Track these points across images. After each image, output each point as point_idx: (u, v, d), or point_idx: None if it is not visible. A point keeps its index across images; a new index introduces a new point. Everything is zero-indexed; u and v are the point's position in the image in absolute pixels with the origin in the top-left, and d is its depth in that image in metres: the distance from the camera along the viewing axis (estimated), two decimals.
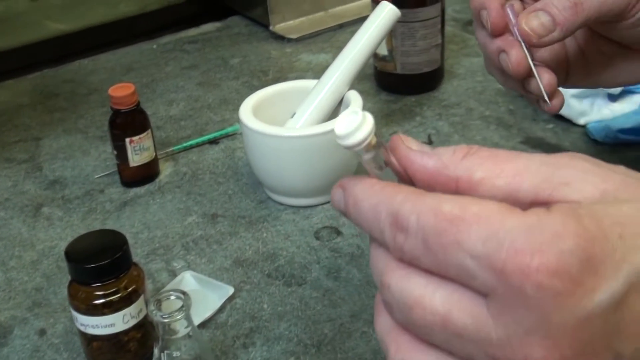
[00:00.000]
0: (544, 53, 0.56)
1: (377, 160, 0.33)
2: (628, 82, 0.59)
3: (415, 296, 0.29)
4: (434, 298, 0.29)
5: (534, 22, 0.50)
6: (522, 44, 0.51)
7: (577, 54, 0.58)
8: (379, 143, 0.33)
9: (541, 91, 0.53)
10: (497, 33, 0.52)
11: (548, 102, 0.53)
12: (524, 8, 0.53)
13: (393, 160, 0.33)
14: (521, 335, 0.27)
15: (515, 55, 0.51)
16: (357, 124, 0.32)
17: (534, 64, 0.52)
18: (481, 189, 0.30)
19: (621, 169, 0.31)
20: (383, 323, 0.32)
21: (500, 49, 0.52)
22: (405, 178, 0.33)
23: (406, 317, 0.30)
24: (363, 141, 0.32)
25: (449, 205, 0.28)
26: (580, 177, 0.29)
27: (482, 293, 0.28)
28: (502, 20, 0.51)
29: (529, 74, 0.53)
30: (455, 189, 0.31)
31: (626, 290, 0.26)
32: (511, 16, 0.51)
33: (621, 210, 0.28)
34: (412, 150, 0.33)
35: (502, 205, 0.28)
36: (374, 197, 0.31)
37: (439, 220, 0.28)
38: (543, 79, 0.53)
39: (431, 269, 0.29)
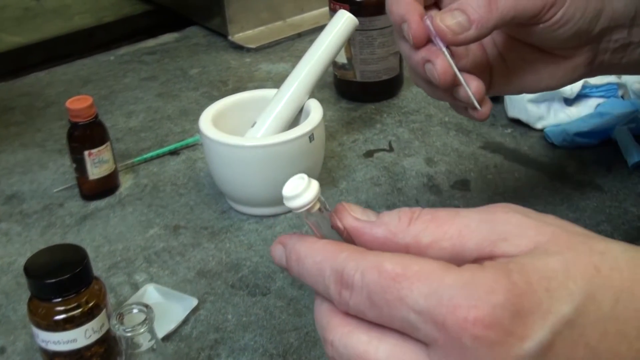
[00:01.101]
0: (466, 62, 0.55)
1: (321, 223, 0.37)
2: (551, 86, 0.58)
3: (359, 352, 0.32)
4: (377, 352, 0.32)
5: (449, 20, 0.50)
6: (445, 52, 0.50)
7: (498, 61, 0.58)
8: (324, 207, 0.36)
9: (470, 98, 0.52)
10: (419, 44, 0.51)
11: (478, 107, 0.53)
12: None
13: (339, 224, 0.37)
14: None
15: (441, 64, 0.50)
16: (301, 188, 0.35)
17: (460, 72, 0.52)
18: (430, 252, 0.34)
19: (552, 219, 0.34)
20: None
21: (425, 59, 0.51)
22: (350, 241, 0.36)
23: None
24: (305, 205, 0.36)
25: (390, 263, 0.31)
26: (515, 232, 0.33)
27: (425, 343, 0.31)
28: (423, 31, 0.50)
29: (456, 82, 0.52)
30: (406, 252, 0.34)
31: (552, 338, 0.30)
32: (431, 27, 0.50)
33: (548, 265, 0.31)
34: (359, 221, 0.36)
35: (440, 263, 0.31)
36: (317, 254, 0.34)
37: (383, 278, 0.31)
38: (471, 85, 0.52)
39: (376, 321, 0.32)
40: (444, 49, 0.50)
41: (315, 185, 0.36)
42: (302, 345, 0.62)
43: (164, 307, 0.66)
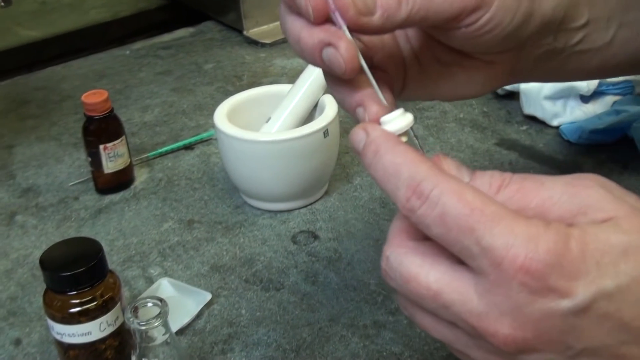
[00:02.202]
0: (380, 57, 0.47)
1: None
2: (467, 95, 0.52)
3: (411, 272, 0.36)
4: (428, 276, 0.36)
5: None
6: (347, 32, 0.40)
7: (411, 60, 0.50)
8: (412, 143, 0.39)
9: (375, 93, 0.42)
10: (320, 19, 0.40)
11: (384, 101, 0.42)
12: None
13: None
14: (497, 314, 0.34)
15: (346, 47, 0.39)
16: (395, 115, 0.39)
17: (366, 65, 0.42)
18: None
19: (634, 200, 0.36)
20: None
21: (324, 42, 0.40)
22: None
23: (401, 286, 0.37)
24: (395, 132, 0.39)
25: (471, 195, 0.34)
26: (595, 206, 0.35)
27: (475, 271, 0.34)
28: (324, 6, 0.40)
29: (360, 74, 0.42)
30: None
31: (589, 305, 0.33)
32: (331, 1, 0.40)
33: (609, 240, 0.33)
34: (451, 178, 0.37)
35: (514, 213, 0.34)
36: (399, 155, 0.36)
37: (461, 205, 0.34)
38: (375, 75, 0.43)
39: (437, 239, 0.35)
40: (345, 29, 0.40)
41: (409, 117, 0.39)
42: (315, 340, 0.62)
43: (178, 301, 0.66)
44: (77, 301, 0.55)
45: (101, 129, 0.80)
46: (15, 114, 1.04)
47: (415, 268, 0.36)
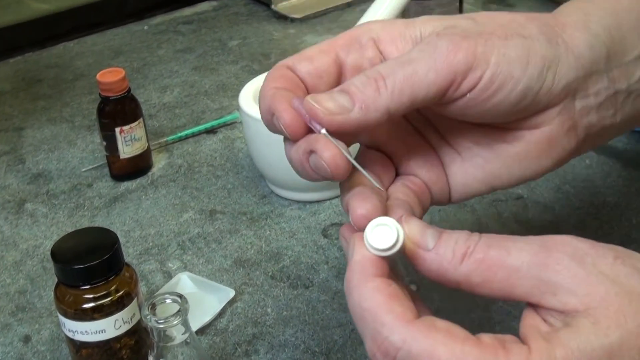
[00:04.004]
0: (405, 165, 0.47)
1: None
2: (537, 173, 0.46)
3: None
4: None
5: (326, 102, 0.41)
6: (325, 132, 0.41)
7: (449, 153, 0.47)
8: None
9: (365, 191, 0.42)
10: (297, 134, 0.42)
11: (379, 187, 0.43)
12: None
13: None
14: None
15: (327, 151, 0.40)
16: (393, 240, 0.38)
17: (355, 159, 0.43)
18: (479, 291, 0.37)
19: (609, 268, 0.35)
20: None
21: (307, 149, 0.41)
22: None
23: None
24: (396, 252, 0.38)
25: (444, 352, 0.34)
26: (566, 287, 0.35)
27: None
28: (297, 118, 0.41)
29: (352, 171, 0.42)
30: (458, 288, 0.38)
31: None
32: (302, 109, 0.42)
33: (593, 351, 0.34)
34: (416, 246, 0.39)
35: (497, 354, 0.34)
36: (366, 298, 0.37)
37: None
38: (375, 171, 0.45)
39: None
40: (323, 131, 0.41)
41: (402, 232, 0.38)
42: (347, 342, 0.62)
43: (199, 297, 0.67)
44: (91, 296, 0.55)
45: (117, 110, 0.81)
46: (26, 94, 1.05)
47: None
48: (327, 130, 0.41)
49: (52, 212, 0.80)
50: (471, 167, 0.47)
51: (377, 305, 0.36)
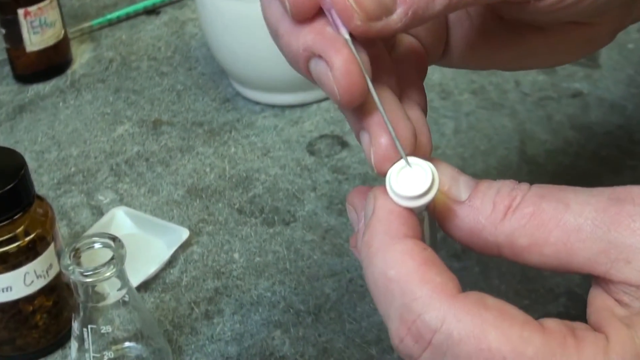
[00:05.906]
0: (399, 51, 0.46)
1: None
2: (543, 65, 0.54)
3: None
4: None
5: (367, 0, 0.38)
6: (350, 42, 0.39)
7: (460, 16, 0.49)
8: None
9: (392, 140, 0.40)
10: (301, 15, 0.39)
11: (405, 158, 0.40)
12: None
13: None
14: None
15: (344, 67, 0.38)
16: (428, 184, 0.38)
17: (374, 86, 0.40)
18: (527, 257, 0.37)
19: None
20: None
21: (313, 51, 0.39)
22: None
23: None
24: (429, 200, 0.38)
25: (494, 337, 0.34)
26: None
27: None
28: None
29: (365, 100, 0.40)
30: (498, 254, 0.38)
31: None
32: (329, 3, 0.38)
33: None
34: (448, 201, 0.39)
35: (559, 345, 0.34)
36: (392, 265, 0.36)
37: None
38: (398, 126, 0.41)
39: None
40: (347, 35, 0.39)
41: (437, 173, 0.38)
42: (342, 298, 0.62)
43: (140, 240, 0.67)
44: None
45: None
46: None
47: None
48: (351, 36, 0.38)
49: None
50: (482, 41, 0.49)
51: (408, 273, 0.35)
